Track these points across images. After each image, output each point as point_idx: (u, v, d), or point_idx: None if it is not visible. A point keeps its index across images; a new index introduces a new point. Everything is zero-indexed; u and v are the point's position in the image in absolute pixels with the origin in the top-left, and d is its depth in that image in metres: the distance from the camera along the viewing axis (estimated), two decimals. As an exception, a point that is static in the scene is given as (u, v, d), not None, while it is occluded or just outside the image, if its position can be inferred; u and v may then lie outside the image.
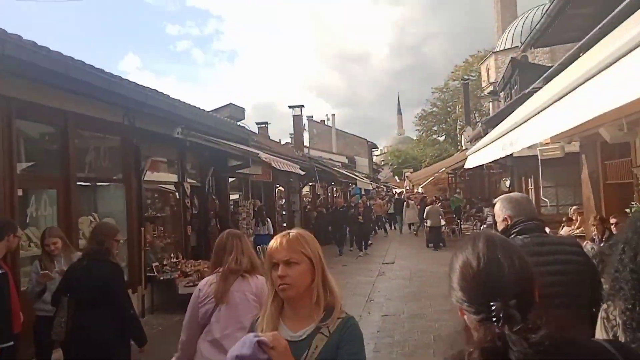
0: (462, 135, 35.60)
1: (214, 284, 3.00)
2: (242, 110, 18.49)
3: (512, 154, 5.65)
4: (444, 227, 18.26)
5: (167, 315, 8.63)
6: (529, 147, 5.65)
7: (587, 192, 9.55)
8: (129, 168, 8.61)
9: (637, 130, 6.66)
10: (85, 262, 3.98)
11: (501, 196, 2.99)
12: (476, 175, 24.53)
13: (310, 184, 21.51)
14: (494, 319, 1.09)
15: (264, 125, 26.76)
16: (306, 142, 29.49)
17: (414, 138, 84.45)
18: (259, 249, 11.44)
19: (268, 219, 12.61)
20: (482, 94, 43.68)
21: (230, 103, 17.95)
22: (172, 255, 9.62)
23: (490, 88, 44.49)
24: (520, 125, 4.23)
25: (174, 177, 10.45)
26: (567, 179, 14.34)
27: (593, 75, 2.44)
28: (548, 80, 10.93)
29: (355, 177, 26.07)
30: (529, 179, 16.26)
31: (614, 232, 7.01)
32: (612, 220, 7.22)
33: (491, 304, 1.10)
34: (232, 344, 1.83)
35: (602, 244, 6.95)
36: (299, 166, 12.58)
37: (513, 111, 6.58)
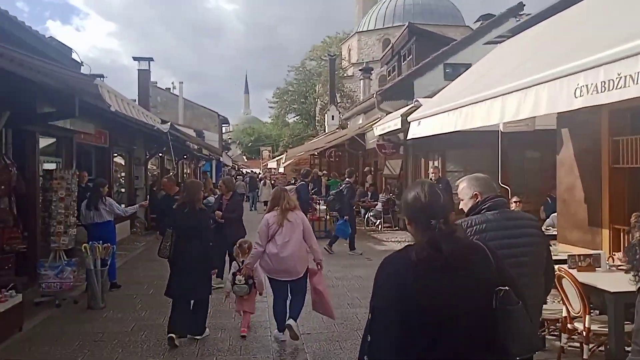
0: (326, 115, 33.44)
1: (275, 216, 5.43)
2: (69, 50, 13.17)
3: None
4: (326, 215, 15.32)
5: None
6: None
7: (567, 178, 7.11)
8: None
9: None
10: (185, 209, 5.59)
11: (467, 176, 3.26)
12: (351, 156, 22.11)
13: (160, 155, 16.93)
14: (433, 229, 1.94)
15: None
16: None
17: (260, 119, 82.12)
18: (91, 247, 7.10)
19: (109, 199, 8.11)
20: (344, 75, 42.09)
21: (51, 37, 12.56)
22: None
23: (352, 69, 43.35)
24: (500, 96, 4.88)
25: None
26: (480, 163, 12.06)
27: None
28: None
29: (214, 153, 21.86)
30: (431, 162, 13.96)
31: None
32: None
33: (431, 221, 1.95)
34: (287, 247, 5.35)
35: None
36: (159, 119, 8.29)
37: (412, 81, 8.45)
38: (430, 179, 10.06)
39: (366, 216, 16.33)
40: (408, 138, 8.41)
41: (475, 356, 1.92)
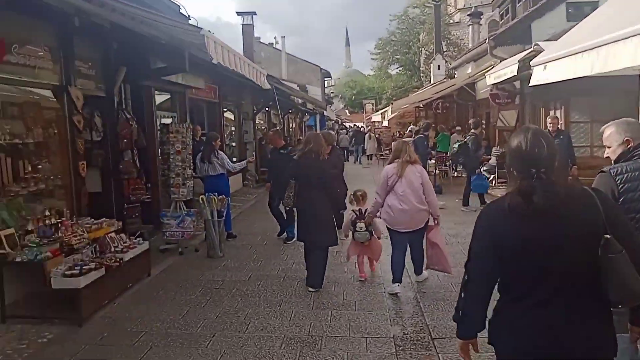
0: (431, 65, 31.90)
1: (395, 167, 5.48)
2: (177, 6, 13.44)
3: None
4: (435, 170, 14.70)
5: (32, 328, 4.53)
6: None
7: None
8: None
9: None
10: (308, 160, 5.72)
11: (614, 121, 3.06)
12: (459, 107, 20.92)
13: (267, 109, 17.15)
14: (531, 178, 1.93)
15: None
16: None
17: (362, 72, 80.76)
18: (207, 198, 7.29)
19: (221, 153, 8.22)
20: (451, 21, 39.69)
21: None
22: (46, 212, 5.29)
23: (459, 15, 40.74)
24: None
25: (49, 76, 5.92)
26: (611, 113, 10.68)
27: None
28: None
29: (318, 106, 21.77)
30: (552, 112, 12.67)
31: None
32: None
33: (531, 170, 1.93)
34: (406, 199, 5.37)
35: None
36: (265, 71, 8.17)
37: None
38: (548, 131, 9.05)
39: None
40: (531, 85, 7.46)
41: (575, 301, 1.94)
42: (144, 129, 8.10)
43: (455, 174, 16.05)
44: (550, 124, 9.40)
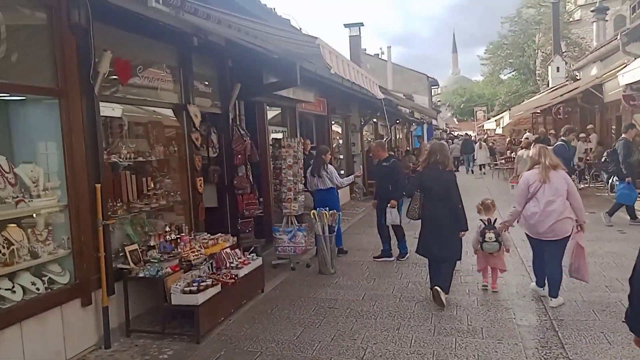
0: (549, 67, 29.78)
1: (537, 173, 5.29)
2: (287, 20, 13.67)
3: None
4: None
5: (154, 343, 4.63)
6: None
7: None
8: (70, 70, 4.34)
9: None
10: (433, 172, 5.60)
11: None
12: (584, 112, 19.17)
13: (374, 120, 16.91)
14: None
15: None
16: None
17: (470, 79, 77.85)
18: (319, 213, 7.16)
19: (330, 167, 8.11)
20: (570, 19, 36.95)
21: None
22: (167, 228, 5.43)
23: (580, 11, 37.80)
24: None
25: (170, 96, 6.14)
26: None
27: None
28: None
29: (428, 115, 21.13)
30: None
31: None
32: None
33: None
34: (550, 206, 5.15)
35: None
36: (377, 83, 7.92)
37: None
38: None
39: (610, 180, 13.90)
40: None
41: None
42: (256, 144, 8.21)
43: (582, 185, 14.57)
44: None
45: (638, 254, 2.20)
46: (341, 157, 15.01)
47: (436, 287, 5.46)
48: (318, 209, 7.29)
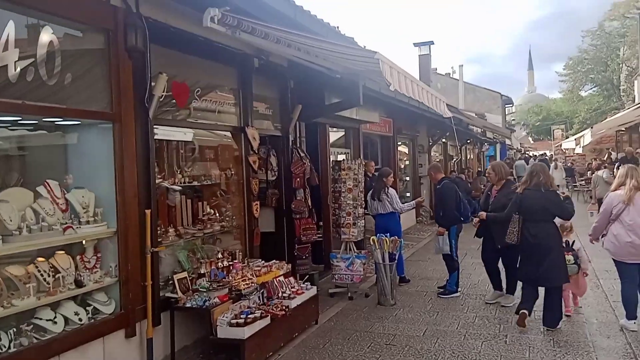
0: (635, 82, 27.77)
1: (622, 194, 5.19)
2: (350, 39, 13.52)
3: None
4: None
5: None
6: None
7: None
8: (125, 94, 4.33)
9: None
10: (528, 192, 5.45)
11: None
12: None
13: (443, 140, 16.31)
14: None
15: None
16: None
17: (547, 96, 74.38)
18: (379, 240, 6.80)
19: (391, 190, 7.67)
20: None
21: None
22: (220, 254, 5.30)
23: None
24: None
25: (228, 118, 6.06)
26: None
27: None
28: None
29: (501, 134, 20.20)
30: None
31: None
32: None
33: None
34: (636, 227, 5.02)
35: None
36: (444, 101, 7.50)
37: None
38: None
39: None
40: None
41: None
42: (317, 167, 8.00)
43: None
44: None
45: None
46: (407, 178, 14.53)
47: (523, 311, 5.36)
48: (378, 235, 6.93)
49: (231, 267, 5.17)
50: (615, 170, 10.24)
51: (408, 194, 14.25)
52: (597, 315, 5.83)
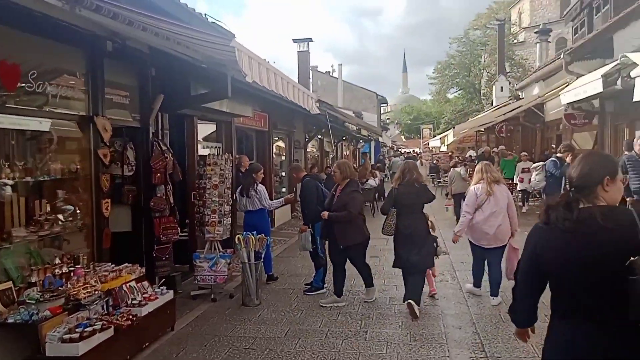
0: (493, 87, 30.47)
1: (483, 187, 5.93)
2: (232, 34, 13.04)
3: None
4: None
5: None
6: None
7: None
8: None
9: None
10: (402, 187, 5.98)
11: None
12: (525, 130, 19.48)
13: (319, 137, 16.48)
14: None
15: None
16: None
17: (419, 98, 79.37)
18: (244, 238, 6.53)
19: (260, 187, 7.43)
20: (514, 41, 38.14)
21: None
22: (57, 260, 4.68)
23: (524, 34, 39.08)
24: None
25: (74, 105, 5.40)
26: None
27: None
28: None
29: (374, 133, 20.95)
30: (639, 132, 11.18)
31: None
32: None
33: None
34: (493, 217, 5.88)
35: None
36: (315, 98, 7.41)
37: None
38: (635, 153, 7.75)
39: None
40: (635, 100, 6.54)
41: (602, 314, 2.03)
42: (183, 162, 7.53)
43: (525, 209, 14.41)
44: (638, 145, 8.06)
45: (522, 253, 2.35)
46: (283, 174, 14.45)
47: (409, 301, 5.72)
48: (245, 233, 6.68)
49: (72, 274, 4.59)
50: (474, 167, 10.91)
51: (284, 189, 14.19)
52: (452, 306, 6.12)
